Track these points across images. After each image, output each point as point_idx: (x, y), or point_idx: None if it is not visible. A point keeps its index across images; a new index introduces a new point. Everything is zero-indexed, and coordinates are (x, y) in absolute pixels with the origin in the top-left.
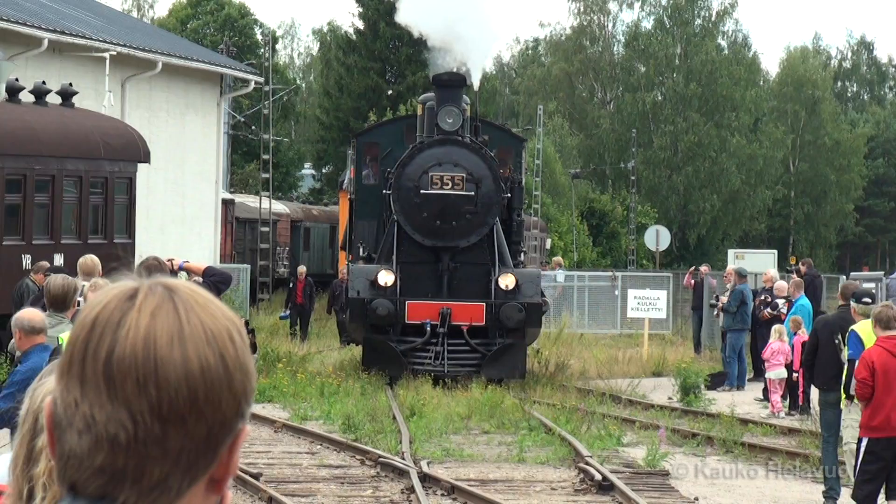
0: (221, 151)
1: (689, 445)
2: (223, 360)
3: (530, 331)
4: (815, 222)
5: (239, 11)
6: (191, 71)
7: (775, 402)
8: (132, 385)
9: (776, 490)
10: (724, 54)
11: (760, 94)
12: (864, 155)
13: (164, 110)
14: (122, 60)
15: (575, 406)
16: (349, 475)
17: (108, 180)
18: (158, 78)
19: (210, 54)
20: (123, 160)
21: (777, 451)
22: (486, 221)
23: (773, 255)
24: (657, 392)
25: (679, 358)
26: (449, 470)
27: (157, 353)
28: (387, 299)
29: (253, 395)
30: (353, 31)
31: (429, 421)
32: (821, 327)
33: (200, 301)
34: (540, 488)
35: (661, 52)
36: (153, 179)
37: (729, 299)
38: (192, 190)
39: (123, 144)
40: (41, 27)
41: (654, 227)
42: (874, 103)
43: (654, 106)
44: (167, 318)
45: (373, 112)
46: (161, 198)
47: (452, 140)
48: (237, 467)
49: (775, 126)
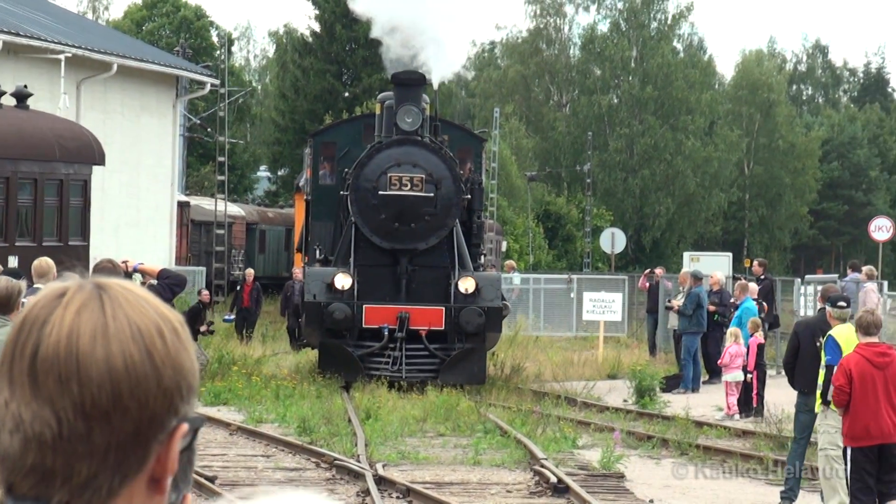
0: (177, 154)
1: (644, 448)
2: (150, 357)
3: (490, 335)
4: (770, 225)
5: (195, 13)
6: (146, 73)
7: (731, 405)
8: (54, 382)
9: (731, 492)
10: (679, 57)
11: (715, 98)
12: (819, 158)
13: (119, 112)
14: (78, 62)
15: (530, 409)
16: (304, 478)
17: (63, 183)
18: (114, 80)
19: (165, 56)
20: (78, 162)
21: (732, 453)
22: (446, 223)
23: (728, 257)
24: (612, 394)
25: (634, 360)
26: (404, 472)
27: (79, 350)
28: (343, 303)
29: (192, 392)
30: (310, 34)
31: (384, 424)
32: (801, 329)
33: (131, 298)
34: (495, 491)
35: (617, 56)
36: (108, 182)
37: (685, 302)
38: (147, 192)
39: (78, 147)
40: None
41: (610, 230)
42: (829, 107)
43: (609, 109)
44: (92, 315)
45: (329, 114)
46: (116, 200)
47: (411, 140)
48: (175, 466)
49: (730, 129)
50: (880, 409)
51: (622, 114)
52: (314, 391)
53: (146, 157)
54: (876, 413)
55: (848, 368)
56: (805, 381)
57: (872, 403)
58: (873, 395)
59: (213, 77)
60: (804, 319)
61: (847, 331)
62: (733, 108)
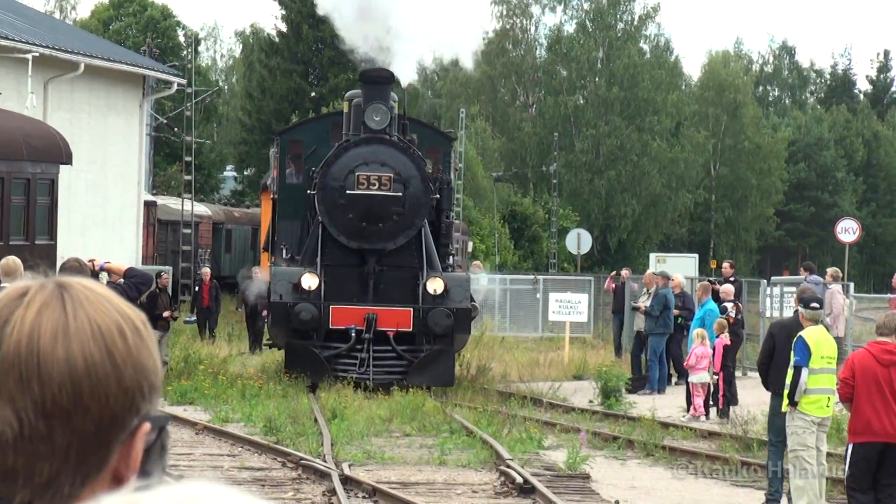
0: (143, 153)
1: (609, 448)
2: (110, 356)
3: (459, 337)
4: (736, 226)
5: (161, 13)
6: (113, 72)
7: (698, 406)
8: (15, 382)
9: (696, 493)
10: (645, 58)
11: (682, 98)
12: (785, 159)
13: (86, 112)
14: (45, 62)
15: (496, 409)
16: (270, 477)
17: (30, 181)
18: (80, 79)
19: (132, 56)
20: (45, 161)
21: (698, 454)
22: (414, 223)
23: (695, 259)
24: (578, 395)
25: (600, 361)
26: (370, 472)
27: (40, 350)
28: (310, 303)
29: (154, 391)
30: (276, 34)
31: (350, 423)
32: (777, 331)
33: (92, 297)
34: (461, 491)
35: (584, 56)
36: (75, 181)
37: (652, 303)
38: (113, 192)
39: (45, 146)
40: None
41: (576, 231)
42: (795, 108)
43: (575, 109)
44: (53, 314)
45: (295, 114)
46: (83, 199)
47: (380, 139)
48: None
49: (696, 130)
50: (883, 406)
51: (588, 114)
52: (280, 391)
53: (113, 156)
54: (878, 410)
55: (852, 362)
56: (780, 383)
57: (875, 400)
58: (877, 391)
59: (180, 77)
60: (780, 321)
61: (818, 332)
62: (699, 108)
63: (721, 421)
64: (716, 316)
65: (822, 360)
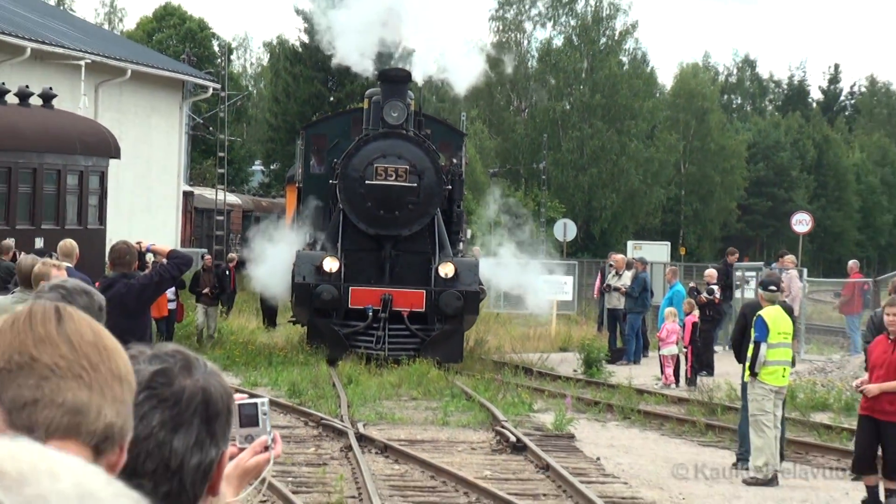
0: (182, 149)
1: (591, 412)
2: None
3: (468, 317)
4: (703, 218)
5: (198, 25)
6: (156, 78)
7: (668, 375)
8: None
9: (667, 451)
10: (625, 69)
11: (656, 105)
12: (746, 159)
13: (132, 112)
14: (96, 68)
15: (492, 377)
16: (294, 435)
17: (84, 173)
18: (128, 83)
19: (173, 63)
20: (96, 156)
21: (668, 417)
22: (428, 211)
23: (667, 246)
24: (563, 365)
25: (583, 335)
26: (382, 431)
27: None
28: (331, 285)
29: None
30: (299, 45)
31: (364, 389)
32: (749, 311)
33: None
34: (462, 448)
35: (570, 67)
36: (122, 173)
37: (632, 284)
38: (156, 183)
39: (97, 142)
40: (25, 37)
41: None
42: (756, 114)
43: (563, 114)
44: None
45: (316, 116)
46: (129, 189)
47: (396, 133)
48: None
49: (669, 133)
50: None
51: (574, 118)
52: (303, 359)
53: (156, 151)
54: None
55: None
56: None
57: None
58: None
59: (215, 82)
60: (751, 302)
61: (775, 311)
62: (671, 114)
63: (689, 389)
64: (683, 297)
65: (779, 336)
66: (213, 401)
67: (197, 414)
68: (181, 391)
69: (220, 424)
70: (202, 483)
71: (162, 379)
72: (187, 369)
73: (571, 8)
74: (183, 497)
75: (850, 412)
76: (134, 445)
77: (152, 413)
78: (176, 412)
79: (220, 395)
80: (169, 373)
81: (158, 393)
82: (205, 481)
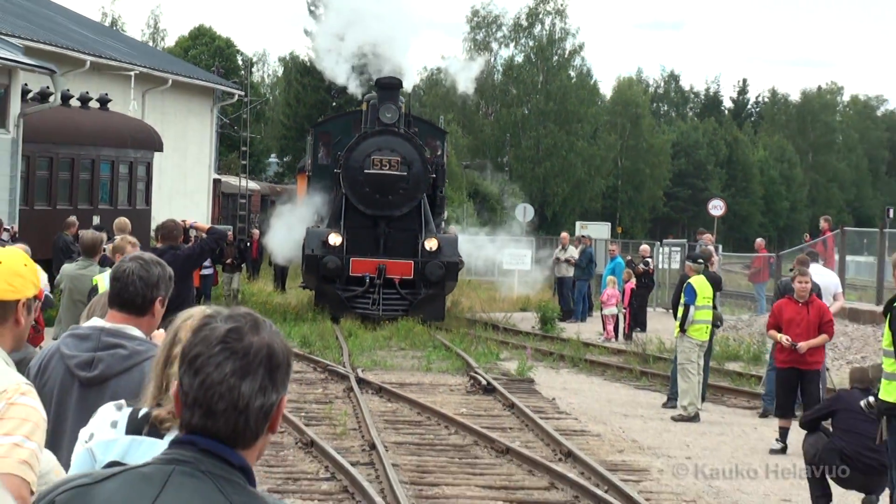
0: (213, 144)
1: (547, 361)
2: None
3: (449, 284)
4: (636, 203)
5: (226, 43)
6: (192, 86)
7: (609, 332)
8: None
9: (609, 393)
10: (573, 81)
11: (598, 111)
12: (671, 156)
13: (172, 114)
14: (143, 77)
15: (466, 332)
16: (305, 378)
17: (133, 164)
18: (169, 91)
19: (205, 74)
20: (144, 149)
21: (609, 366)
22: (416, 196)
23: (608, 226)
24: (524, 322)
25: (539, 298)
26: (377, 375)
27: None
28: (335, 256)
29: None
30: (308, 60)
31: (362, 341)
32: (685, 280)
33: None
34: (442, 390)
35: (529, 79)
36: (165, 163)
37: (580, 257)
38: (191, 172)
39: (144, 138)
40: (85, 52)
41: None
42: (679, 119)
43: (522, 118)
44: None
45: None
46: (170, 176)
47: (390, 131)
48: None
49: (608, 134)
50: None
51: (531, 121)
52: (311, 317)
53: (191, 146)
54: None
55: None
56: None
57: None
58: None
59: (239, 90)
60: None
61: (700, 280)
62: (611, 118)
63: (626, 343)
64: (622, 268)
65: (704, 300)
66: (275, 354)
67: (262, 365)
68: (249, 346)
69: (280, 374)
70: (264, 422)
71: (234, 335)
72: (255, 328)
73: (530, 32)
74: (247, 433)
75: (757, 361)
76: (209, 388)
77: (225, 363)
78: (245, 363)
79: (281, 350)
80: (240, 330)
81: (231, 346)
82: (266, 420)
